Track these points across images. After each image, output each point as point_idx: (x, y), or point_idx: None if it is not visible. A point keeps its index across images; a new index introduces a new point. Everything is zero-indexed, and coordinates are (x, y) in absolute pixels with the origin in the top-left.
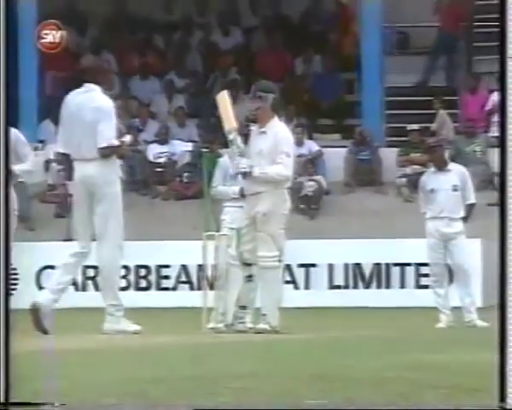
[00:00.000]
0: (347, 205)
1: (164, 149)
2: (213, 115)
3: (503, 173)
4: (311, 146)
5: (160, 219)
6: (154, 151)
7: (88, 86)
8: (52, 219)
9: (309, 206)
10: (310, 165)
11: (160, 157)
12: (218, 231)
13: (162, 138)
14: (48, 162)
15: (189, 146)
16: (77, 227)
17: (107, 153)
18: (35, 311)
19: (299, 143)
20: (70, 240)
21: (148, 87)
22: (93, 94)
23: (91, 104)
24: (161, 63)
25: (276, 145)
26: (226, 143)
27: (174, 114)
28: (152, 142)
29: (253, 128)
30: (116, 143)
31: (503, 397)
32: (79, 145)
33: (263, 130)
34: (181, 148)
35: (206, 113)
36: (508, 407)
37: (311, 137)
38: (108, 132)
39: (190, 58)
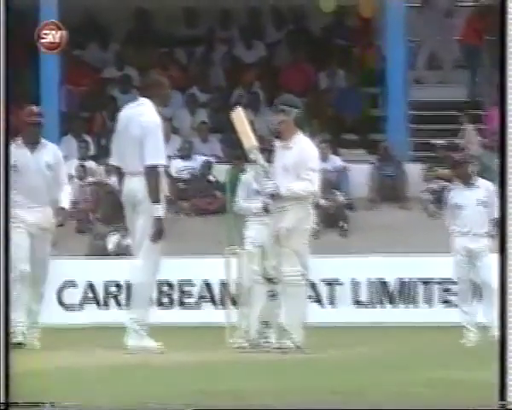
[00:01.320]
0: (372, 221)
1: (187, 164)
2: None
3: (502, 174)
4: (336, 161)
5: (183, 234)
6: (177, 166)
7: (140, 100)
8: (74, 234)
9: (333, 222)
10: (331, 181)
11: (183, 172)
12: (241, 246)
13: (185, 153)
14: (70, 177)
15: (212, 161)
16: (131, 241)
17: (152, 173)
18: None
19: (323, 159)
20: (91, 256)
21: (171, 102)
22: (142, 108)
23: (138, 118)
24: (184, 77)
25: (301, 160)
26: (249, 159)
27: (197, 128)
28: (174, 157)
29: (277, 143)
30: (162, 162)
31: (503, 397)
32: (126, 159)
33: (287, 145)
34: (204, 163)
35: (229, 128)
36: (508, 406)
37: (335, 153)
38: (155, 151)
39: (213, 72)
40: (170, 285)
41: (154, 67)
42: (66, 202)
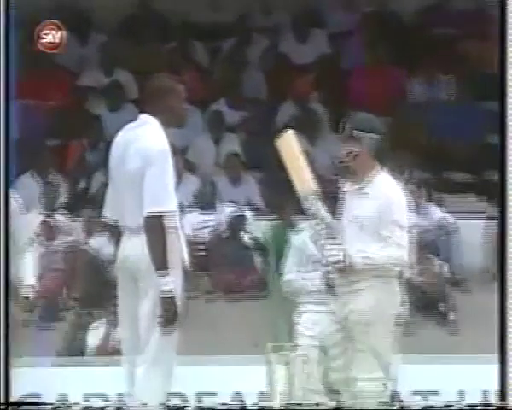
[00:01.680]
0: (492, 305)
1: (208, 217)
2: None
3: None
4: (435, 213)
5: (202, 325)
6: (193, 221)
7: (141, 118)
8: (37, 324)
9: (431, 306)
10: (427, 243)
11: (202, 230)
12: (291, 345)
13: (205, 201)
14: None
15: (247, 213)
16: (123, 333)
17: (154, 225)
18: None
19: (416, 209)
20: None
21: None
22: (142, 130)
23: (136, 145)
24: (205, 86)
25: (382, 212)
26: (303, 211)
27: (224, 164)
28: (190, 207)
29: (346, 186)
30: (171, 207)
31: (503, 397)
32: (124, 208)
33: (362, 188)
34: (234, 215)
35: (274, 162)
36: (508, 407)
37: (434, 200)
38: (159, 191)
39: (249, 79)
40: (184, 398)
41: (159, 70)
42: (29, 276)
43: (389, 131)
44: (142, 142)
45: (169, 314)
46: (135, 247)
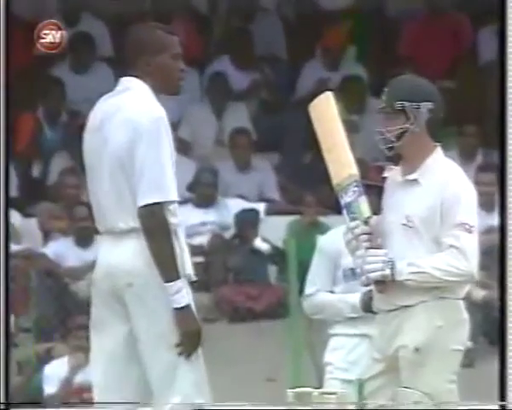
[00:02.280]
0: None
1: (207, 215)
2: (309, 146)
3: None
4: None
5: (204, 355)
6: (189, 220)
7: (124, 83)
8: None
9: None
10: None
11: (201, 230)
12: (319, 384)
13: (204, 194)
14: None
15: (259, 209)
16: (99, 375)
17: (156, 219)
18: None
19: (488, 205)
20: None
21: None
22: (127, 97)
23: (119, 116)
24: (202, 40)
25: (441, 208)
26: (335, 206)
27: (229, 143)
28: (183, 201)
29: (393, 175)
30: (173, 197)
31: (503, 397)
32: (104, 204)
33: (412, 177)
34: (242, 212)
35: (295, 141)
36: (508, 406)
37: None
38: (157, 176)
39: (261, 29)
40: None
41: (142, 18)
42: None
43: (452, 101)
44: (129, 111)
45: (191, 336)
46: (125, 253)
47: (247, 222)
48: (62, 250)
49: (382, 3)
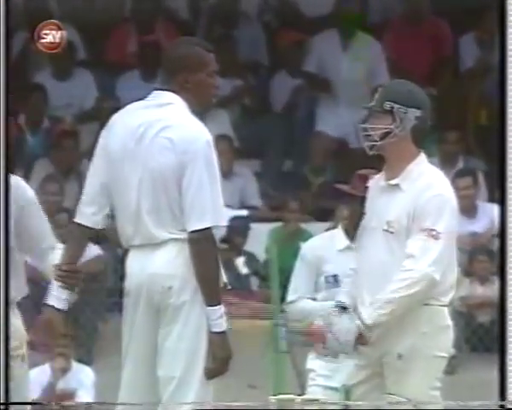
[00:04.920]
0: None
1: None
2: (291, 153)
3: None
4: (493, 215)
5: None
6: None
7: (163, 96)
8: None
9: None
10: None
11: None
12: (301, 391)
13: None
14: None
15: (241, 216)
16: (131, 376)
17: (209, 244)
18: None
19: (469, 211)
20: None
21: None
22: (170, 112)
23: (168, 133)
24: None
25: (413, 214)
26: (317, 213)
27: None
28: None
29: (375, 179)
30: (223, 221)
31: (503, 397)
32: (136, 215)
33: (394, 182)
34: (232, 219)
35: (276, 147)
36: (508, 406)
37: (494, 197)
38: (213, 200)
39: (243, 35)
40: None
41: (120, 22)
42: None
43: (432, 106)
44: (178, 130)
45: (225, 361)
46: (162, 260)
47: (231, 229)
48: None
49: (363, 10)
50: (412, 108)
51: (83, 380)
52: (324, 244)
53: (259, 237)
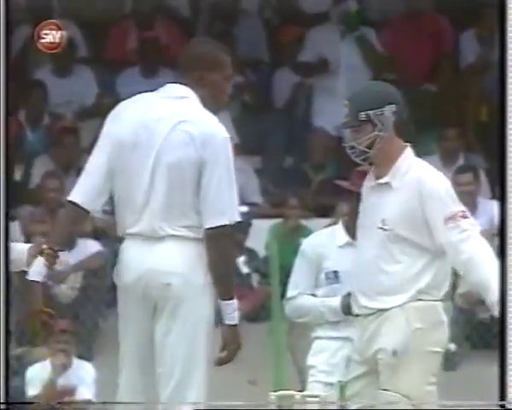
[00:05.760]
0: None
1: None
2: (291, 149)
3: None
4: (492, 210)
5: None
6: None
7: (178, 89)
8: None
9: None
10: None
11: None
12: (301, 387)
13: None
14: None
15: (242, 212)
16: (126, 376)
17: (226, 240)
18: None
19: (469, 208)
20: None
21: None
22: (188, 106)
23: (186, 126)
24: (183, 42)
25: (422, 209)
26: (317, 209)
27: None
28: None
29: (367, 180)
30: (238, 218)
31: (503, 397)
32: (142, 206)
33: (384, 180)
34: None
35: (277, 144)
36: (508, 406)
37: (493, 192)
38: (230, 197)
39: (243, 32)
40: None
41: (121, 20)
42: None
43: (432, 103)
44: (197, 124)
45: (235, 352)
46: (163, 256)
47: (238, 226)
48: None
49: (362, 6)
50: (386, 106)
51: (83, 376)
52: (324, 240)
53: (260, 234)
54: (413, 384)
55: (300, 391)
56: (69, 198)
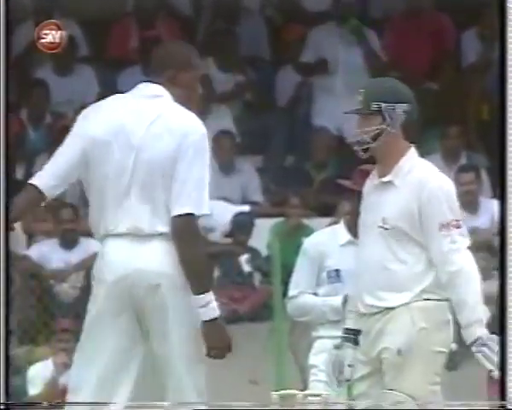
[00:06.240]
0: None
1: None
2: (293, 148)
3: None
4: (494, 209)
5: None
6: None
7: (152, 88)
8: None
9: None
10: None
11: None
12: (303, 386)
13: None
14: None
15: (244, 211)
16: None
17: (193, 229)
18: None
19: (471, 207)
20: None
21: None
22: (163, 104)
23: (164, 122)
24: (186, 41)
25: (418, 211)
26: (319, 208)
27: (213, 145)
28: None
29: (369, 177)
30: (207, 210)
31: (503, 397)
32: (126, 205)
33: (386, 179)
34: (226, 215)
35: (278, 143)
36: (508, 406)
37: (496, 194)
38: (200, 189)
39: (245, 31)
40: None
41: (122, 18)
42: None
43: (434, 101)
44: (174, 120)
45: (220, 349)
46: (151, 256)
47: (233, 225)
48: (46, 252)
49: (365, 4)
50: (399, 104)
51: None
52: (326, 239)
53: (261, 233)
54: (418, 384)
55: (302, 390)
56: (34, 183)
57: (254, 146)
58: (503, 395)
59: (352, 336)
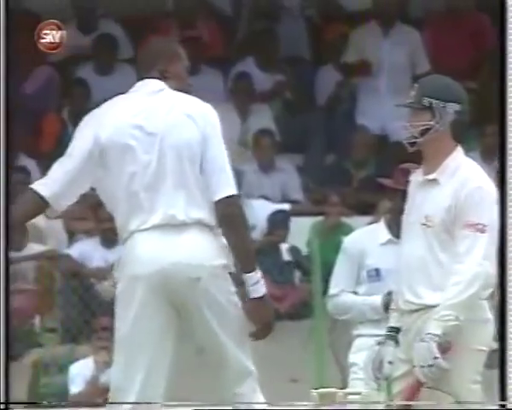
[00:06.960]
0: None
1: None
2: (333, 147)
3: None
4: None
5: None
6: None
7: (155, 84)
8: None
9: None
10: None
11: None
12: (343, 384)
13: None
14: None
15: (283, 210)
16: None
17: (238, 208)
18: None
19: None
20: None
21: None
22: (174, 95)
23: (182, 110)
24: (226, 41)
25: (455, 208)
26: (359, 206)
27: (253, 144)
28: None
29: (414, 174)
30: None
31: (503, 397)
32: (154, 196)
33: (432, 176)
34: (265, 213)
35: (318, 142)
36: (508, 406)
37: None
38: (229, 168)
39: (286, 30)
40: None
41: (162, 20)
42: None
43: (473, 100)
44: (191, 104)
45: (268, 324)
46: (188, 248)
47: (272, 223)
48: (87, 251)
49: (404, 4)
50: (451, 103)
51: None
52: (366, 238)
53: (301, 231)
54: (459, 383)
55: (342, 389)
56: (40, 192)
57: (294, 145)
58: (503, 395)
59: (395, 333)
